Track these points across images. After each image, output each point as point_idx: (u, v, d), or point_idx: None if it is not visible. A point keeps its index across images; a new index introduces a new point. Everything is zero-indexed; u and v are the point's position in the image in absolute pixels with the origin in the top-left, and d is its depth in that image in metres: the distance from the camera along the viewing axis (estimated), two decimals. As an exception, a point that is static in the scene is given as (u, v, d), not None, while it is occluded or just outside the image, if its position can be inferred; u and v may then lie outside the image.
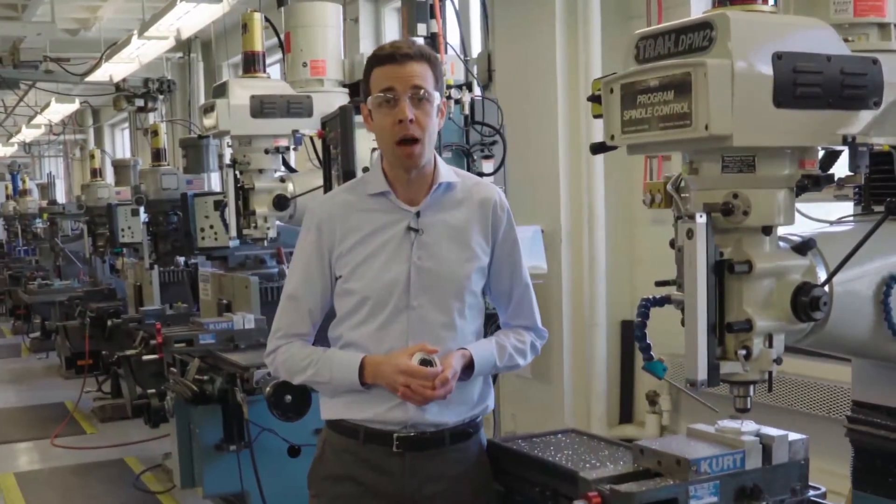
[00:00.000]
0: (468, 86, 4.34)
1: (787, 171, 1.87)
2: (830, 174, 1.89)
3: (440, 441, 2.46)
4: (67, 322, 8.76)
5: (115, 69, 10.09)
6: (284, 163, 4.68)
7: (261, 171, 4.59)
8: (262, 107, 4.43)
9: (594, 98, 2.04)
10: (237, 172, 4.59)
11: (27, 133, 17.49)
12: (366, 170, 3.47)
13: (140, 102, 10.45)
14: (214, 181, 8.09)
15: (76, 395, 8.27)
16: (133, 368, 5.94)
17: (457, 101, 4.16)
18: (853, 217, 2.26)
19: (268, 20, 4.84)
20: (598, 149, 2.04)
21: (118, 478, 6.43)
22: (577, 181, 5.66)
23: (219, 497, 4.76)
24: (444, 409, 2.43)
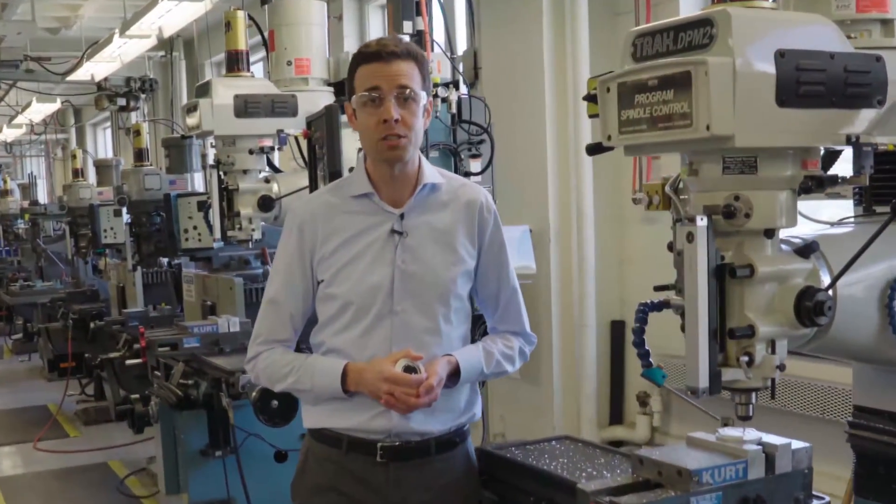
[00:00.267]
0: (455, 84, 4.28)
1: (790, 172, 1.83)
2: (834, 175, 1.85)
3: (425, 450, 2.40)
4: (50, 324, 8.70)
5: (97, 68, 10.02)
6: (269, 163, 4.61)
7: (245, 172, 4.52)
8: (246, 106, 4.36)
9: (590, 97, 1.99)
10: (221, 173, 4.52)
11: (8, 133, 17.38)
12: (352, 170, 3.41)
13: (122, 102, 10.37)
14: (198, 181, 8.01)
15: (59, 398, 8.21)
16: (116, 371, 5.86)
17: (444, 100, 4.10)
18: (854, 218, 2.22)
19: (251, 18, 4.78)
20: (595, 150, 1.99)
21: (102, 482, 6.37)
22: (566, 180, 5.61)
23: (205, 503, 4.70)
24: (430, 418, 2.37)
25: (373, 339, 2.36)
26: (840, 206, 2.28)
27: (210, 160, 4.66)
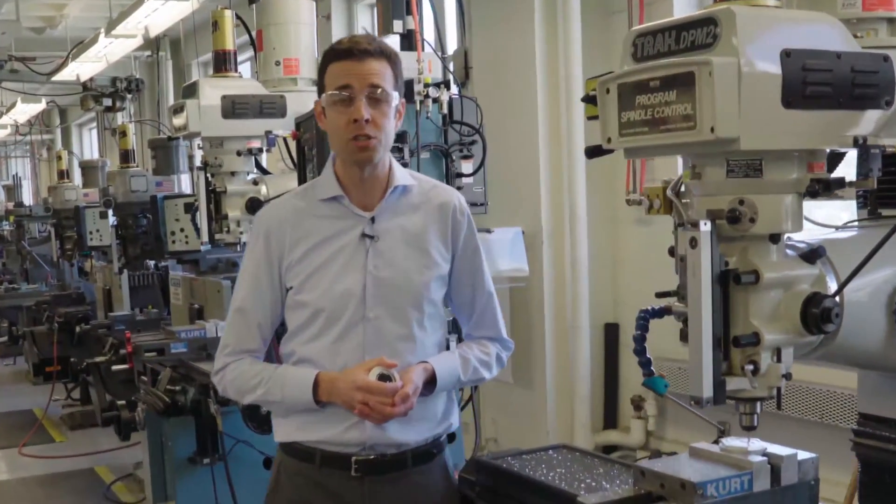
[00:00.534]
0: (446, 84, 4.22)
1: (795, 176, 1.78)
2: (841, 178, 1.79)
3: (402, 463, 2.33)
4: (35, 327, 8.62)
5: (82, 68, 9.98)
6: (257, 165, 4.55)
7: (233, 174, 4.48)
8: (234, 107, 4.31)
9: (589, 99, 1.93)
10: (208, 175, 4.47)
11: (-8, 133, 17.24)
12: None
13: (108, 102, 10.28)
14: (185, 183, 7.94)
15: (45, 402, 8.13)
16: (103, 376, 5.80)
17: (435, 100, 4.03)
18: (858, 222, 2.17)
19: (239, 17, 4.74)
20: (594, 153, 1.93)
21: (88, 488, 6.30)
22: (558, 181, 5.56)
23: (193, 511, 4.63)
24: (406, 428, 2.30)
25: (345, 347, 2.29)
26: (834, 207, 2.22)
27: (197, 162, 4.61)
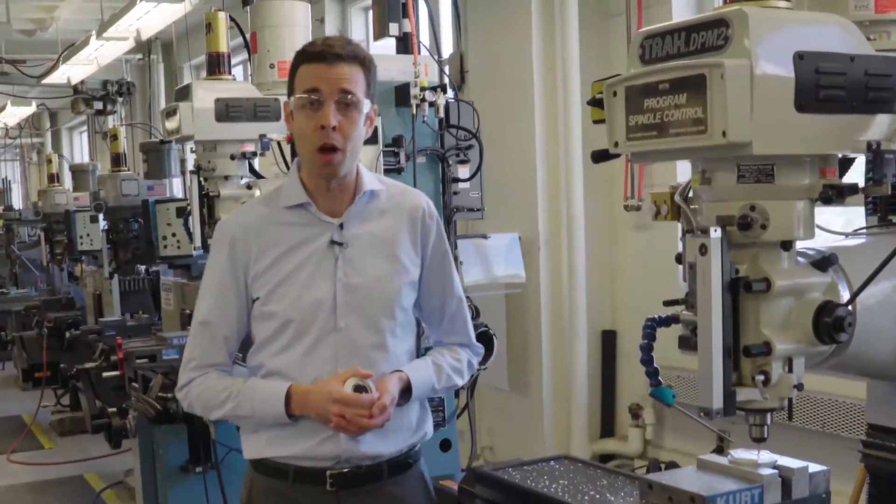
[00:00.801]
0: (443, 87, 4.18)
1: (808, 181, 1.74)
2: (854, 184, 1.75)
3: (378, 475, 2.28)
4: (24, 332, 8.54)
5: (73, 71, 9.92)
6: (251, 169, 4.49)
7: (226, 178, 4.41)
8: (228, 110, 4.24)
9: (595, 102, 1.88)
10: (201, 179, 4.40)
11: (-18, 137, 17.11)
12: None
13: (99, 105, 10.25)
14: (176, 187, 7.88)
15: (34, 408, 8.08)
16: (93, 382, 5.72)
17: (431, 104, 3.99)
18: (867, 229, 2.12)
19: (233, 20, 4.67)
20: (601, 157, 1.88)
21: (77, 496, 6.25)
22: (556, 186, 5.52)
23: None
24: (381, 439, 2.24)
25: (316, 359, 2.23)
26: (832, 213, 2.18)
27: (190, 165, 4.55)
